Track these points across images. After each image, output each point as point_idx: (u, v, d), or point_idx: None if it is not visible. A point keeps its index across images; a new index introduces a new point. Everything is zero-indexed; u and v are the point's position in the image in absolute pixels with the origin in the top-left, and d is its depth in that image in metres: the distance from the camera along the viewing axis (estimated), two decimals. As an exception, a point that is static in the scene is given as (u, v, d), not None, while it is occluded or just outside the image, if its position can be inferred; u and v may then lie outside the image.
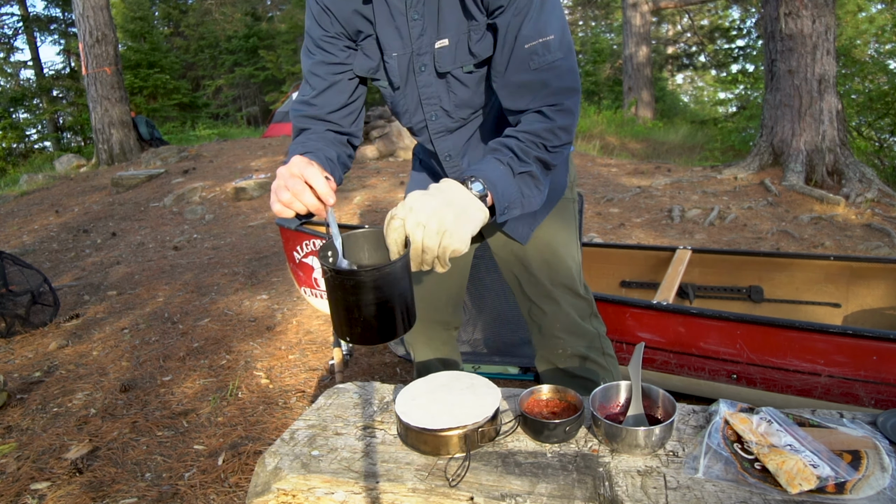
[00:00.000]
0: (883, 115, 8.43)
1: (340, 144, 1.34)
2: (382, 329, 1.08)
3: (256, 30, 21.59)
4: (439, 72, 1.26)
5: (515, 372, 2.49)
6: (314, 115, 1.31)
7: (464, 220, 1.03)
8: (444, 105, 1.31)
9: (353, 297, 1.03)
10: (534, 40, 1.13)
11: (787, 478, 0.95)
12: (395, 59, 1.27)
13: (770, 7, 6.10)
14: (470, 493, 1.01)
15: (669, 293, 2.37)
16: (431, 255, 1.02)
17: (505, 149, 1.14)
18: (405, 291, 1.07)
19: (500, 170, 1.11)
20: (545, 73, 1.14)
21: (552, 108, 1.16)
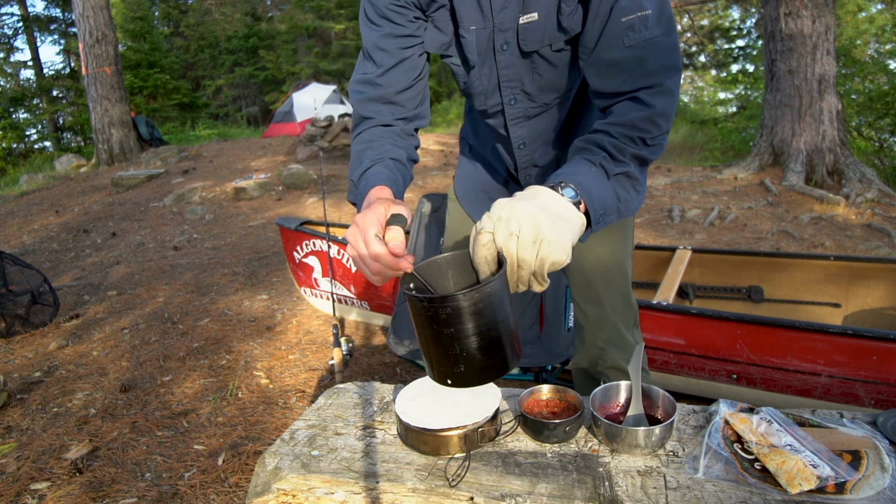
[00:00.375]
0: (883, 115, 8.43)
1: (407, 136, 1.19)
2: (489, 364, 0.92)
3: (256, 30, 21.60)
4: (524, 51, 1.11)
5: (515, 372, 2.49)
6: (380, 96, 1.15)
7: (561, 226, 0.87)
8: (527, 88, 1.17)
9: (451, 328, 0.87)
10: (631, 14, 0.99)
11: (787, 478, 0.95)
12: (473, 33, 1.12)
13: (770, 7, 6.10)
14: (470, 493, 1.01)
15: (669, 293, 2.37)
16: (528, 270, 0.88)
17: (596, 147, 1.00)
18: (508, 315, 0.92)
19: (592, 173, 0.96)
20: (642, 51, 0.99)
21: (649, 90, 1.00)
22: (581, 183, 0.93)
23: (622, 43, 1.00)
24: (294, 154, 8.98)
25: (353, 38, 19.53)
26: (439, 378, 0.95)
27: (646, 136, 1.00)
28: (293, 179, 7.25)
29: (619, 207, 1.00)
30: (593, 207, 0.94)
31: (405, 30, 1.13)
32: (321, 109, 12.20)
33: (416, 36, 1.14)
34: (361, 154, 1.12)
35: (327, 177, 7.34)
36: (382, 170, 1.06)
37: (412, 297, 0.88)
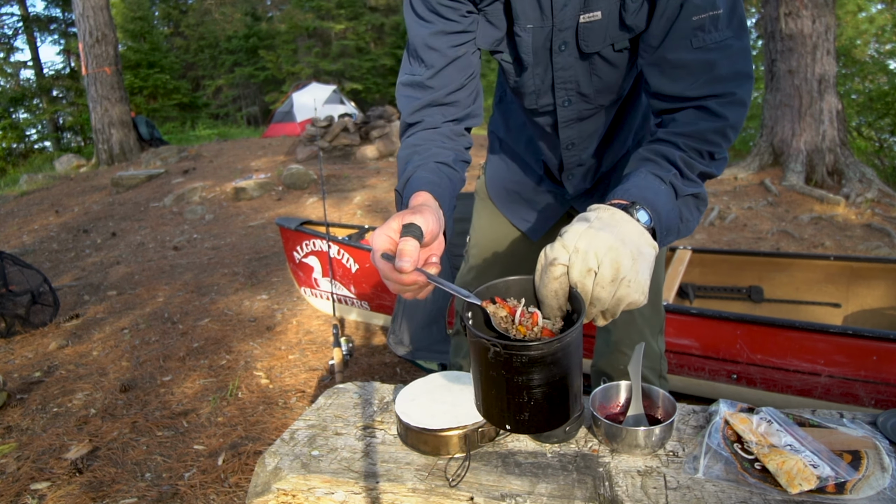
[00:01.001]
0: (883, 115, 8.43)
1: (457, 137, 1.09)
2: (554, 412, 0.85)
3: (256, 30, 21.61)
4: (584, 52, 1.04)
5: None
6: (431, 100, 1.06)
7: (642, 264, 0.80)
8: (583, 89, 1.09)
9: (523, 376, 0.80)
10: (703, 13, 0.91)
11: (787, 478, 0.95)
12: (530, 32, 1.04)
13: (770, 7, 6.10)
14: (470, 493, 1.01)
15: (669, 293, 2.37)
16: (599, 309, 0.82)
17: (666, 162, 0.92)
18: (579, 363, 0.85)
19: (662, 191, 0.89)
20: (712, 54, 0.92)
21: (719, 99, 0.93)
22: (654, 204, 0.86)
23: (690, 43, 0.93)
24: (294, 154, 8.99)
25: (352, 38, 19.55)
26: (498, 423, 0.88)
27: (714, 151, 0.94)
28: (293, 179, 7.26)
29: (680, 228, 0.93)
30: (661, 230, 0.87)
31: (458, 25, 1.04)
32: (321, 109, 12.20)
33: (468, 31, 1.05)
34: (407, 160, 1.03)
35: (327, 177, 7.35)
36: (425, 174, 0.97)
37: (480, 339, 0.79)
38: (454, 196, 1.01)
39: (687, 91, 0.94)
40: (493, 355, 0.79)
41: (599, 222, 0.81)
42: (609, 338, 1.43)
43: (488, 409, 0.88)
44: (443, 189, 0.96)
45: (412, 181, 0.96)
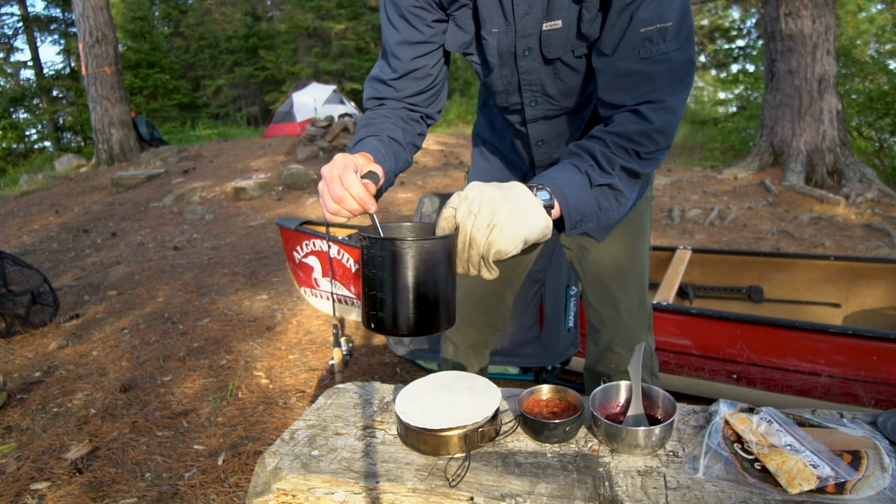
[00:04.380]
0: (883, 115, 8.43)
1: (412, 122, 1.19)
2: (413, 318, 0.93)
3: (256, 30, 21.60)
4: (546, 58, 1.10)
5: (515, 372, 2.49)
6: (393, 97, 1.18)
7: (520, 220, 0.89)
8: (548, 91, 1.16)
9: (384, 272, 0.90)
10: (651, 25, 0.97)
11: (787, 478, 0.95)
12: (495, 36, 1.10)
13: (770, 7, 6.10)
14: (470, 493, 1.01)
15: (669, 293, 2.37)
16: (476, 251, 0.90)
17: (586, 154, 1.00)
18: (444, 281, 0.94)
19: (576, 179, 0.98)
20: (655, 65, 0.98)
21: (651, 105, 0.99)
22: (560, 188, 0.95)
23: (638, 54, 0.98)
24: (294, 154, 8.99)
25: (352, 38, 19.54)
26: (364, 320, 0.98)
27: (640, 150, 1.01)
28: (293, 179, 7.26)
29: (598, 216, 1.01)
30: (569, 212, 0.96)
31: (422, 36, 1.12)
32: (321, 109, 12.19)
33: (432, 42, 1.14)
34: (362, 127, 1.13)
35: (327, 177, 7.34)
36: (375, 143, 1.07)
37: (359, 234, 0.93)
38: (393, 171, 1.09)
39: (627, 101, 1.01)
40: (364, 249, 0.92)
41: (497, 185, 0.92)
42: (599, 338, 1.45)
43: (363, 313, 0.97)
44: (387, 159, 1.06)
45: (362, 144, 1.07)
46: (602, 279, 1.38)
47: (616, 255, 1.35)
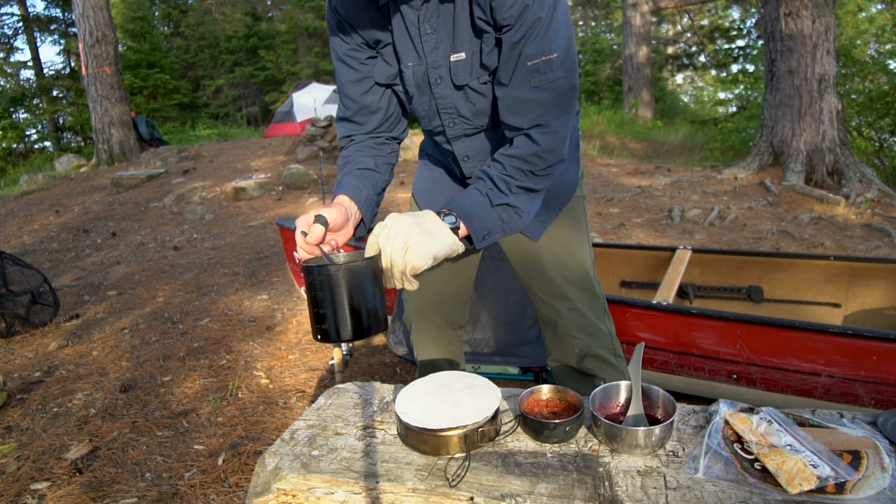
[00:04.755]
0: (883, 115, 8.43)
1: (380, 146, 1.39)
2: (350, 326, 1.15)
3: (256, 30, 21.59)
4: (456, 84, 1.26)
5: (515, 372, 2.49)
6: (356, 132, 1.38)
7: (428, 240, 1.11)
8: (462, 113, 1.32)
9: (323, 292, 1.12)
10: (537, 58, 1.13)
11: (787, 478, 0.95)
12: (411, 69, 1.28)
13: (770, 7, 6.10)
14: (470, 493, 1.01)
15: (669, 293, 2.37)
16: (398, 269, 1.11)
17: (487, 178, 1.21)
18: (372, 294, 1.15)
19: (478, 201, 1.19)
20: (544, 92, 1.15)
21: (539, 129, 1.17)
22: (465, 211, 1.18)
23: (529, 83, 1.15)
24: (294, 154, 8.99)
25: (353, 38, 19.50)
26: (313, 334, 1.19)
27: (533, 169, 1.20)
28: (293, 179, 7.26)
29: (503, 228, 1.23)
30: (474, 230, 1.19)
31: (360, 74, 1.31)
32: (321, 109, 12.19)
33: (370, 77, 1.32)
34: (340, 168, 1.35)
35: (327, 177, 7.34)
36: (349, 180, 1.30)
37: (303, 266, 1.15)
38: (376, 191, 1.34)
39: (523, 124, 1.19)
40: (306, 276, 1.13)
41: (410, 213, 1.14)
42: (557, 328, 1.54)
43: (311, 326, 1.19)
44: (360, 190, 1.29)
45: (338, 186, 1.30)
46: (547, 274, 1.50)
47: (554, 251, 1.48)
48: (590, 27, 25.02)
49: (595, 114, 13.77)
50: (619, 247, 3.18)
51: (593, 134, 11.44)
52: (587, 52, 20.12)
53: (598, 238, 4.77)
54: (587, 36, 23.53)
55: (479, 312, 2.65)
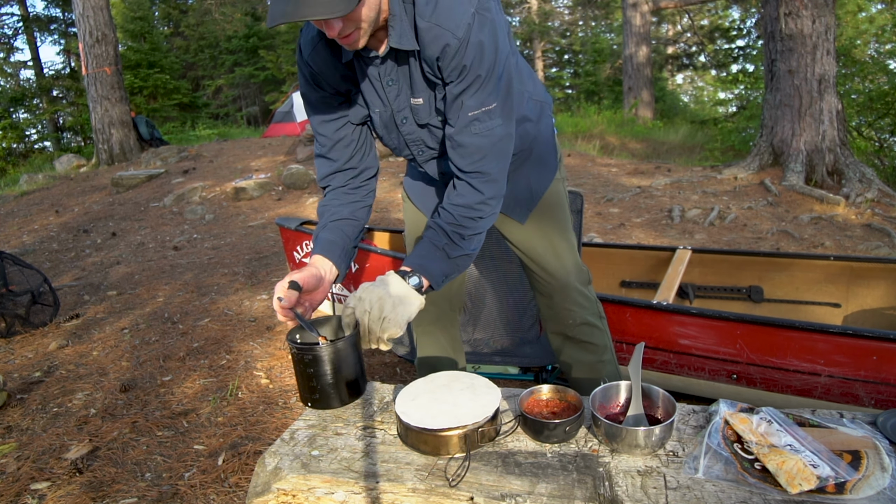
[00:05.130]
0: (883, 115, 8.43)
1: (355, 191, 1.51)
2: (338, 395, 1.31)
3: (256, 30, 21.58)
4: (419, 123, 1.41)
5: (515, 372, 2.49)
6: (335, 168, 1.49)
7: (401, 309, 1.25)
8: (428, 143, 1.47)
9: (312, 368, 1.27)
10: (476, 109, 1.27)
11: (787, 478, 0.95)
12: (378, 114, 1.42)
13: (770, 7, 6.10)
14: (470, 493, 1.01)
15: (669, 293, 2.37)
16: (375, 336, 1.25)
17: (441, 232, 1.35)
18: (355, 363, 1.32)
19: (436, 256, 1.34)
20: (484, 139, 1.30)
21: (481, 177, 1.33)
22: (426, 268, 1.32)
23: (471, 130, 1.29)
24: (294, 154, 8.98)
25: (353, 38, 19.50)
26: (303, 400, 1.34)
27: (481, 215, 1.35)
28: (293, 179, 7.26)
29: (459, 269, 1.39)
30: (435, 280, 1.33)
31: (333, 113, 1.43)
32: (321, 109, 12.16)
33: (344, 116, 1.44)
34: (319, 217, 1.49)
35: (327, 177, 7.34)
36: (325, 234, 1.43)
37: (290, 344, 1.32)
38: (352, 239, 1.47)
39: (465, 167, 1.33)
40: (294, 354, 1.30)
41: (380, 282, 1.27)
42: (551, 302, 1.73)
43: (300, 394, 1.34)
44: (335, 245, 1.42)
45: (315, 242, 1.44)
46: (538, 251, 1.68)
47: (543, 229, 1.66)
48: (590, 27, 25.01)
49: (595, 114, 13.77)
50: (619, 247, 3.18)
51: (593, 134, 11.43)
52: (587, 52, 20.12)
53: (598, 238, 4.77)
54: (587, 36, 23.52)
55: (479, 312, 2.65)
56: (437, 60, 1.24)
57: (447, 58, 1.22)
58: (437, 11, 1.20)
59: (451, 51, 1.21)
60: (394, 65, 1.32)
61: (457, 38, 1.20)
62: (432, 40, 1.22)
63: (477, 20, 1.20)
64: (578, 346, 1.77)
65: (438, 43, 1.21)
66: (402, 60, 1.31)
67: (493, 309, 2.63)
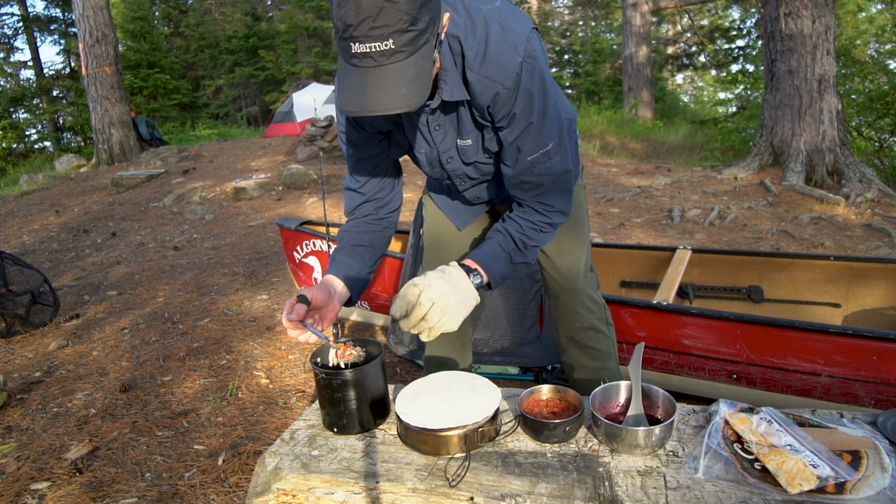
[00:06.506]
0: (883, 115, 8.42)
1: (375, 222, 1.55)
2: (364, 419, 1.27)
3: (256, 30, 21.58)
4: (465, 161, 1.46)
5: (515, 372, 2.49)
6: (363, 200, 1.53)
7: (462, 308, 1.29)
8: (471, 176, 1.53)
9: (339, 392, 1.24)
10: (535, 153, 1.32)
11: (787, 478, 0.95)
12: (423, 154, 1.46)
13: (770, 7, 6.10)
14: (470, 493, 1.01)
15: (669, 293, 2.37)
16: (427, 325, 1.24)
17: (509, 238, 1.41)
18: (382, 385, 1.31)
19: (501, 258, 1.39)
20: (544, 178, 1.36)
21: (546, 207, 1.41)
22: (490, 267, 1.37)
23: (530, 171, 1.35)
24: (294, 154, 8.98)
25: (353, 38, 19.49)
26: (328, 426, 1.29)
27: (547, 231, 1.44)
28: (293, 179, 7.25)
29: (513, 275, 1.46)
30: (495, 280, 1.39)
31: (372, 151, 1.45)
32: (321, 109, 12.18)
33: (381, 154, 1.47)
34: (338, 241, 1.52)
35: (327, 177, 7.34)
36: (340, 257, 1.46)
37: (315, 367, 1.29)
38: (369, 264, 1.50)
39: (528, 199, 1.41)
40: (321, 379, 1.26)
41: (449, 276, 1.30)
42: (558, 303, 1.76)
43: (324, 419, 1.30)
44: (350, 266, 1.44)
45: (330, 263, 1.46)
46: (556, 255, 1.71)
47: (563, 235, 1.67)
48: (590, 27, 25.00)
49: (595, 114, 13.77)
50: (619, 247, 3.18)
51: (593, 134, 11.43)
52: (587, 52, 20.11)
53: (598, 238, 4.77)
54: (587, 36, 23.51)
55: (479, 312, 2.65)
56: (488, 108, 1.28)
57: (498, 106, 1.26)
58: (485, 63, 1.22)
59: (501, 99, 1.25)
60: (442, 112, 1.36)
61: (506, 88, 1.23)
62: (482, 90, 1.25)
63: (525, 69, 1.23)
64: (583, 351, 1.78)
65: (488, 93, 1.25)
66: (450, 109, 1.34)
67: (493, 309, 2.63)
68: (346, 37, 1.02)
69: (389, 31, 0.99)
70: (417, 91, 1.05)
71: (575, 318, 1.75)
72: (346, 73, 1.07)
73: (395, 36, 1.00)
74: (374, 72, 1.04)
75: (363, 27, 0.99)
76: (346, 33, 1.01)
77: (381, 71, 1.03)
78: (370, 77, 1.04)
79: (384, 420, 1.31)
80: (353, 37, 1.01)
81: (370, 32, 0.99)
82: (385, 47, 1.01)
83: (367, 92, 1.04)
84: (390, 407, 1.34)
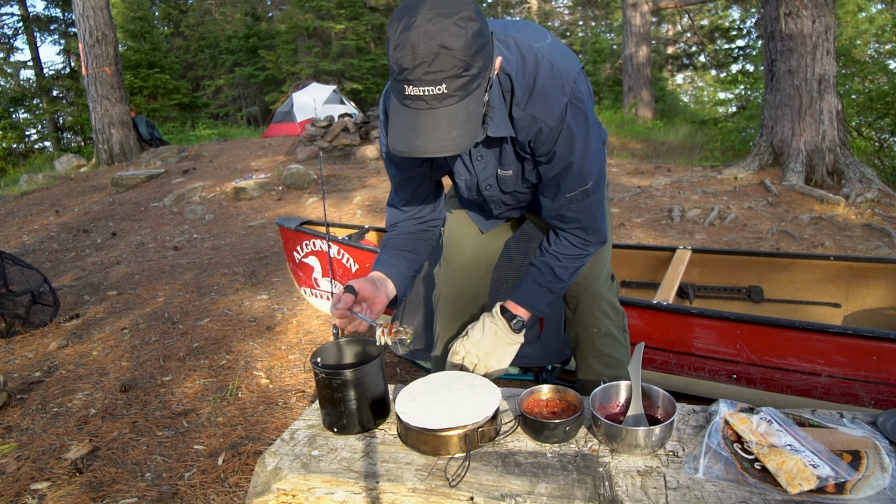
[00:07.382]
0: (883, 115, 8.42)
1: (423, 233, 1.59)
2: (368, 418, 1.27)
3: (256, 30, 21.58)
4: (504, 190, 1.51)
5: (515, 372, 2.49)
6: (406, 217, 1.58)
7: (501, 365, 1.46)
8: (508, 203, 1.59)
9: (340, 392, 1.24)
10: (574, 191, 1.37)
11: (787, 478, 0.95)
12: (464, 181, 1.52)
13: (770, 7, 6.10)
14: (470, 493, 1.01)
15: (669, 293, 2.37)
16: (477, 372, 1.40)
17: (547, 270, 1.48)
18: (383, 386, 1.32)
19: (540, 293, 1.48)
20: (581, 213, 1.42)
21: (583, 241, 1.47)
22: (533, 305, 1.48)
23: (569, 206, 1.40)
24: (294, 154, 8.98)
25: (352, 38, 19.52)
26: (328, 426, 1.29)
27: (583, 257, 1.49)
28: (293, 179, 7.25)
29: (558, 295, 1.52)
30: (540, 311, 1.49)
31: (414, 173, 1.48)
32: (321, 109, 12.18)
33: (423, 174, 1.50)
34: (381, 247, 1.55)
35: (327, 177, 7.35)
36: (385, 257, 1.48)
37: (315, 367, 1.29)
38: (411, 269, 1.52)
39: (565, 228, 1.47)
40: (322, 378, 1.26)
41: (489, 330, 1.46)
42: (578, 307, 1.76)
43: (324, 419, 1.30)
44: (396, 266, 1.47)
45: (376, 262, 1.49)
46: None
47: None
48: (590, 27, 25.00)
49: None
50: (619, 247, 3.18)
51: (593, 134, 11.40)
52: (587, 52, 20.11)
53: (598, 238, 4.76)
54: (587, 36, 23.51)
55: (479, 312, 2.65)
56: (529, 142, 1.31)
57: (539, 142, 1.30)
58: (531, 101, 1.24)
59: (543, 136, 1.28)
60: (484, 146, 1.39)
61: (549, 127, 1.26)
62: (526, 126, 1.28)
63: (570, 110, 1.26)
64: (597, 356, 1.78)
65: (532, 129, 1.28)
66: (494, 143, 1.37)
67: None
68: (401, 79, 1.04)
69: (443, 76, 1.02)
70: (467, 135, 1.08)
71: (593, 324, 1.75)
72: (398, 112, 1.10)
73: (449, 81, 1.02)
74: (426, 114, 1.06)
75: (418, 71, 1.01)
76: (401, 76, 1.04)
77: (433, 114, 1.05)
78: (422, 119, 1.06)
79: (384, 420, 1.31)
80: (408, 80, 1.03)
81: (425, 77, 1.02)
82: (438, 91, 1.03)
83: (419, 133, 1.07)
84: (390, 407, 1.33)
